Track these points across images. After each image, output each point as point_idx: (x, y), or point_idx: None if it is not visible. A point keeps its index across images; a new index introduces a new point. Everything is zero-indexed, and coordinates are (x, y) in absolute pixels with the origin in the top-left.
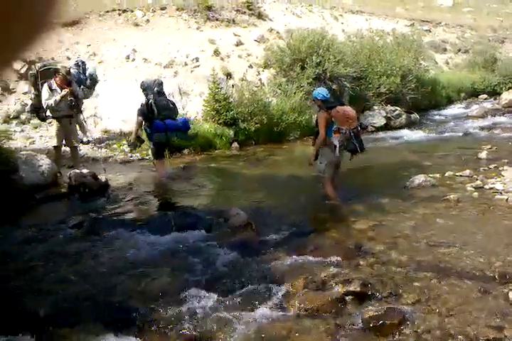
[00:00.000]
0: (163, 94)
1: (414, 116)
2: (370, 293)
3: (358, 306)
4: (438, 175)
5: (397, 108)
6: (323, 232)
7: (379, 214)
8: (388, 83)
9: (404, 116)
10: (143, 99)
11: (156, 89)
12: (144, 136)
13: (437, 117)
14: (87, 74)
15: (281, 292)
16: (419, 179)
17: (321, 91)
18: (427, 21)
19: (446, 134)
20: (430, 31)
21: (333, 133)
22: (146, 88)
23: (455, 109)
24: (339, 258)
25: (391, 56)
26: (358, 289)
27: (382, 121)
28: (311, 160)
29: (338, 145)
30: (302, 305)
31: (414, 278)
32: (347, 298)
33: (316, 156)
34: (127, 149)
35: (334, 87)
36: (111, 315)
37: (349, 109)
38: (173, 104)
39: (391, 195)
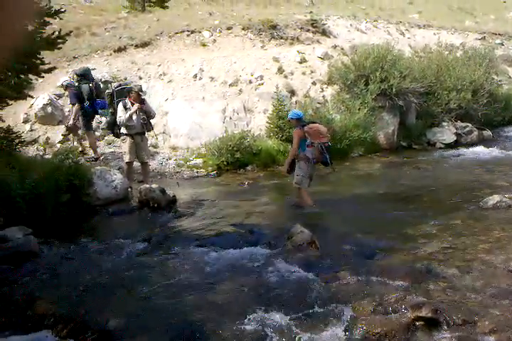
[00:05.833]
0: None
1: (487, 132)
2: (442, 319)
3: (429, 333)
4: None
5: (468, 124)
6: (391, 253)
7: (451, 235)
8: (458, 98)
9: (475, 133)
10: (76, 84)
11: (91, 76)
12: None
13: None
14: None
15: (346, 314)
16: (494, 199)
17: (295, 112)
18: (499, 34)
19: None
20: (503, 44)
21: (306, 147)
22: (88, 74)
23: None
24: (408, 281)
25: (461, 71)
26: (430, 315)
27: (452, 138)
28: (285, 172)
29: (311, 158)
30: (369, 329)
31: (491, 305)
32: (417, 323)
33: (291, 169)
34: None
35: (400, 102)
36: (176, 329)
37: (320, 126)
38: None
39: (463, 216)
